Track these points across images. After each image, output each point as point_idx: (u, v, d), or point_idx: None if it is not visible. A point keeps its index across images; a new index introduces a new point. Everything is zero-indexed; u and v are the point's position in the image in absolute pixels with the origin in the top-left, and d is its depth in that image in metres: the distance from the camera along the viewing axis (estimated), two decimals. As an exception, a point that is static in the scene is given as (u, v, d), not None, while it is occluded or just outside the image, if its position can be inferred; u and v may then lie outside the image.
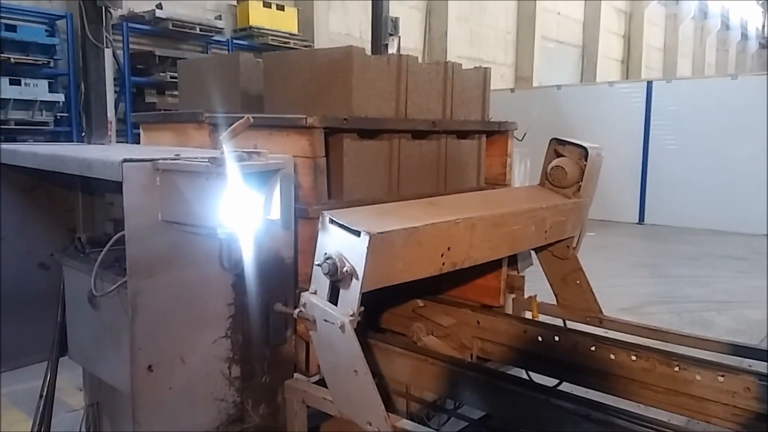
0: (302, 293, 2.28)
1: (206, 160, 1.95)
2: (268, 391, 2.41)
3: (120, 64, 10.30)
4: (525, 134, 3.62)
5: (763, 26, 32.08)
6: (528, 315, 3.54)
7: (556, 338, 2.90)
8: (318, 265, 2.20)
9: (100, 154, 2.08)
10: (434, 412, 3.15)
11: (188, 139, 2.94)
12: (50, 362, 2.99)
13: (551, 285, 3.48)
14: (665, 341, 3.07)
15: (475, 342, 3.14)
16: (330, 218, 2.20)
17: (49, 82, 9.28)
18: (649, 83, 11.83)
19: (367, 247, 2.07)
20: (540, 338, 2.95)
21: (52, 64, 9.36)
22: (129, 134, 10.35)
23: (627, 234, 10.99)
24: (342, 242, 2.16)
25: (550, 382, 2.90)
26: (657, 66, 24.77)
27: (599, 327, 3.28)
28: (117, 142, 10.31)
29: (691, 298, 6.73)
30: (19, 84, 8.90)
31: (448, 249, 2.44)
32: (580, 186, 3.21)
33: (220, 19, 11.29)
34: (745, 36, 30.64)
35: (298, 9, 12.57)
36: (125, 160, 1.89)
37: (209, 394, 2.22)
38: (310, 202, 2.45)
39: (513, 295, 3.57)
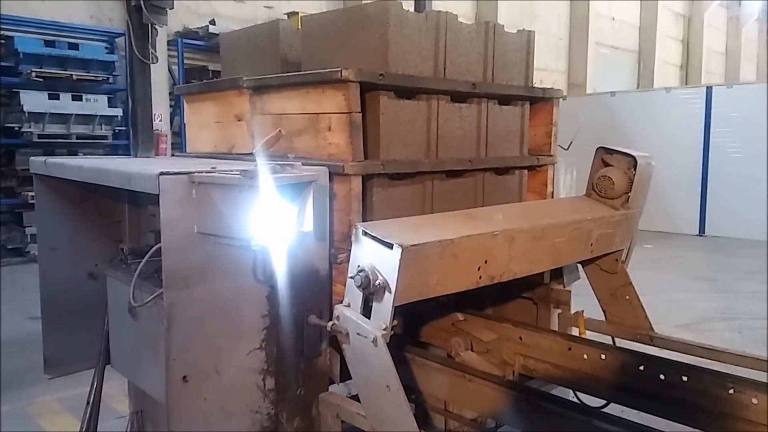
0: (336, 306, 2.26)
1: (232, 172, 1.96)
2: (303, 403, 2.39)
3: (175, 79, 10.65)
4: (571, 143, 3.51)
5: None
6: (574, 331, 3.43)
7: (603, 356, 2.78)
8: (351, 277, 2.17)
9: (141, 168, 2.12)
10: (473, 430, 3.07)
11: (230, 106, 2.99)
12: (97, 370, 3.06)
13: (599, 300, 3.35)
14: (720, 361, 2.91)
15: (517, 358, 3.05)
16: (363, 230, 2.17)
17: (108, 98, 9.68)
18: (709, 89, 11.39)
19: (400, 260, 2.04)
20: (585, 356, 2.83)
21: (111, 80, 9.77)
22: (184, 147, 10.64)
23: (686, 246, 10.57)
24: (375, 255, 2.13)
25: (596, 402, 2.80)
26: (718, 71, 23.90)
27: (650, 345, 3.14)
28: (172, 154, 10.66)
29: (753, 314, 6.39)
30: (81, 100, 9.30)
31: (486, 262, 2.37)
32: (629, 197, 3.08)
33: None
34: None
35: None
36: (162, 173, 1.92)
37: (244, 406, 2.22)
38: (345, 159, 2.44)
39: (558, 310, 3.47)
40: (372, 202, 2.59)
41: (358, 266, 2.16)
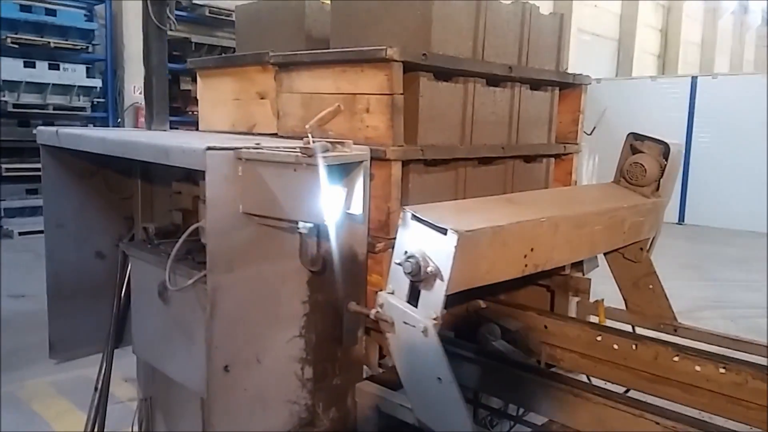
0: (379, 293, 2.15)
1: (292, 149, 1.83)
2: (339, 393, 2.29)
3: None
4: (594, 128, 3.44)
5: (805, 23, 31.13)
6: (593, 320, 3.38)
7: (634, 346, 2.73)
8: (398, 263, 2.07)
9: (177, 141, 1.96)
10: (498, 418, 3.02)
11: (252, 83, 2.83)
12: (105, 354, 2.91)
13: (620, 289, 3.31)
14: (748, 352, 2.89)
15: (543, 348, 2.99)
16: (413, 214, 2.07)
17: (86, 68, 9.30)
18: (694, 79, 11.48)
19: (455, 247, 1.94)
20: (616, 346, 2.78)
21: (90, 49, 9.38)
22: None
23: (667, 234, 10.58)
24: (425, 240, 2.03)
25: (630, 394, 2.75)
26: (694, 61, 24.16)
27: (674, 335, 3.11)
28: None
29: (744, 303, 6.48)
30: (58, 69, 8.92)
31: (531, 250, 2.29)
32: (659, 184, 3.03)
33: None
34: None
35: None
36: (209, 148, 1.77)
37: (282, 396, 2.11)
38: (385, 143, 2.32)
39: (577, 299, 3.41)
40: (408, 188, 2.47)
41: (406, 252, 2.06)
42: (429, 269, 1.99)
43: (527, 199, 2.57)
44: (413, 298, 2.08)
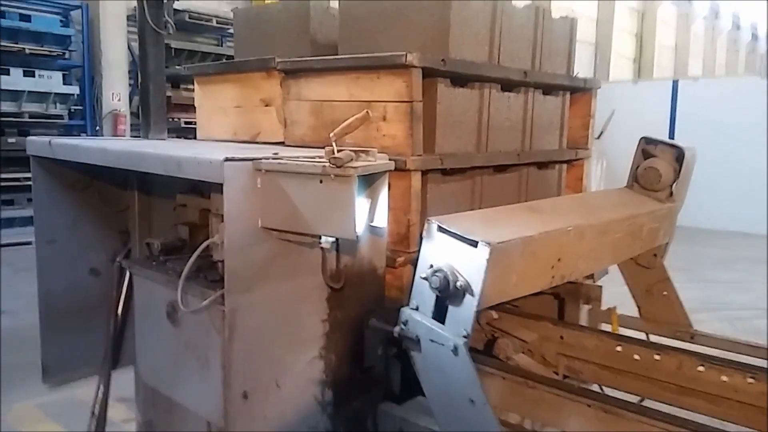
0: (403, 309, 2.03)
1: (314, 159, 1.71)
2: (359, 417, 2.16)
3: (135, 57, 10.07)
4: (602, 132, 3.37)
5: (773, 27, 31.78)
6: (605, 328, 3.31)
7: (657, 357, 2.65)
8: (424, 278, 1.95)
9: (188, 151, 1.83)
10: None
11: (255, 90, 2.70)
12: (102, 377, 2.75)
13: (634, 296, 3.23)
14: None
15: (560, 359, 2.89)
16: (439, 226, 1.95)
17: (63, 74, 9.05)
18: (675, 82, 11.57)
19: (487, 260, 1.83)
20: (637, 356, 2.70)
21: (66, 56, 9.14)
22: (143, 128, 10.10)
23: (651, 236, 10.70)
24: (454, 253, 1.91)
25: (650, 405, 2.67)
26: (668, 65, 24.49)
27: (690, 342, 3.04)
28: (131, 136, 10.09)
29: (738, 304, 6.49)
30: (33, 76, 8.66)
31: (559, 260, 2.19)
32: (673, 189, 2.96)
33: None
34: (755, 37, 30.36)
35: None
36: (227, 159, 1.64)
37: (302, 422, 1.98)
38: (404, 152, 2.21)
39: (589, 306, 3.33)
40: (426, 199, 2.36)
41: (432, 266, 1.94)
42: (458, 284, 1.87)
43: (549, 206, 2.47)
44: (440, 315, 1.97)
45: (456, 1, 2.32)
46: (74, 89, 9.14)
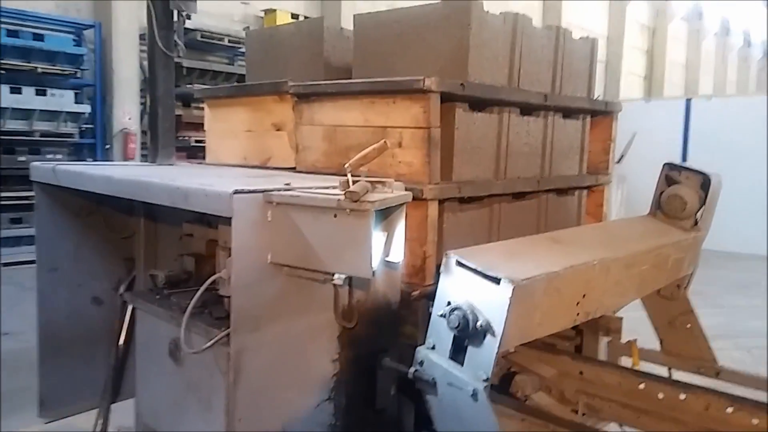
0: (418, 348, 1.92)
1: (327, 191, 1.61)
2: (371, 461, 2.05)
3: (146, 76, 10.08)
4: (623, 156, 3.26)
5: (785, 45, 31.66)
6: (624, 362, 3.18)
7: (683, 396, 2.52)
8: (442, 315, 1.85)
9: (195, 181, 1.74)
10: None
11: (267, 114, 2.63)
12: (102, 411, 2.65)
13: (656, 328, 3.10)
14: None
15: (579, 397, 2.76)
16: (458, 260, 1.85)
17: (75, 93, 9.04)
18: (688, 100, 11.45)
19: (510, 298, 1.72)
20: (661, 395, 2.57)
21: (78, 74, 9.13)
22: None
23: (665, 257, 10.51)
24: (474, 290, 1.81)
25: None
26: (679, 82, 24.38)
27: (716, 379, 2.90)
28: (141, 155, 10.07)
29: (754, 331, 6.30)
30: (45, 94, 8.64)
31: (584, 296, 2.08)
32: (698, 218, 2.85)
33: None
34: (766, 54, 30.24)
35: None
36: (236, 192, 1.55)
37: (310, 470, 1.86)
38: (420, 180, 2.12)
39: (608, 338, 3.20)
40: (442, 229, 2.26)
41: (450, 303, 1.84)
42: (479, 323, 1.77)
43: (571, 237, 2.36)
44: (458, 355, 1.86)
45: (475, 25, 2.24)
46: (86, 108, 9.11)
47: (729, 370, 2.90)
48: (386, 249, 1.78)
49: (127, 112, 9.66)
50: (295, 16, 11.87)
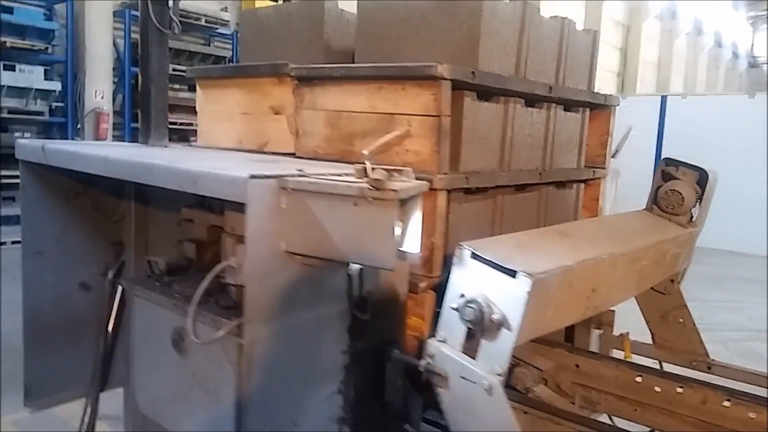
0: (429, 341, 1.88)
1: (349, 179, 1.55)
2: (377, 455, 2.00)
3: (120, 54, 9.80)
4: (617, 151, 3.25)
5: (752, 46, 32.40)
6: (616, 354, 3.19)
7: (680, 389, 2.53)
8: (454, 308, 1.81)
9: (202, 165, 1.66)
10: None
11: (264, 96, 2.55)
12: (90, 399, 2.56)
13: (648, 322, 3.12)
14: (791, 393, 2.72)
15: (576, 389, 2.76)
16: (473, 252, 1.81)
17: (44, 69, 8.75)
18: (664, 98, 11.61)
19: (528, 292, 1.69)
20: (658, 389, 2.58)
21: (49, 50, 8.84)
22: (127, 128, 9.84)
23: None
24: (489, 283, 1.77)
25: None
26: (651, 80, 24.75)
27: (707, 373, 2.93)
28: (113, 136, 9.80)
29: (729, 325, 6.44)
30: (14, 70, 8.35)
31: (593, 291, 2.06)
32: (694, 213, 2.86)
33: (226, 11, 10.82)
34: (735, 55, 30.91)
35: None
36: (253, 176, 1.48)
37: (317, 464, 1.81)
38: (429, 170, 2.07)
39: (600, 331, 3.22)
40: (448, 220, 2.22)
41: (463, 295, 1.80)
42: (494, 317, 1.73)
43: (577, 231, 2.34)
44: (470, 348, 1.82)
45: (486, 11, 2.18)
46: (56, 85, 8.84)
47: (720, 364, 2.94)
48: (401, 239, 1.73)
49: (99, 90, 9.39)
50: (274, -2, 11.69)
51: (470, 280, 1.80)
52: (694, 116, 11.11)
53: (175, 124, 10.20)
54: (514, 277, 1.72)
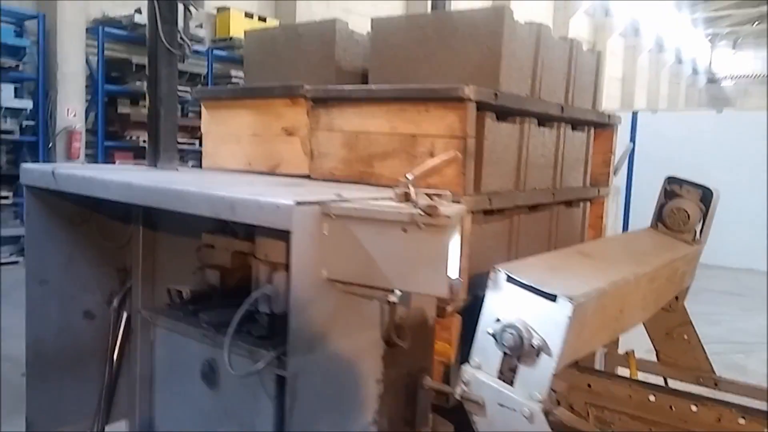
0: (464, 367, 1.85)
1: (393, 204, 1.52)
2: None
3: (92, 71, 9.61)
4: (618, 168, 3.28)
5: (710, 62, 33.47)
6: (621, 372, 3.21)
7: (694, 408, 2.55)
8: (491, 334, 1.78)
9: (239, 190, 1.61)
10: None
11: (276, 118, 2.49)
12: (95, 433, 2.45)
13: (652, 340, 3.15)
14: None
15: (589, 409, 2.76)
16: (508, 275, 1.79)
17: (14, 87, 8.52)
18: (635, 113, 11.87)
19: (569, 316, 1.68)
20: (672, 407, 2.59)
21: (19, 68, 8.62)
22: (100, 147, 9.64)
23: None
24: (526, 307, 1.75)
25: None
26: (616, 95, 25.31)
27: (714, 389, 2.96)
28: (86, 154, 9.58)
29: (711, 337, 6.47)
30: (-18, 87, 8.12)
31: (620, 311, 2.06)
32: (699, 231, 2.90)
33: (201, 28, 10.72)
34: (695, 71, 31.87)
35: (280, 20, 12.09)
36: (299, 203, 1.44)
37: (354, 498, 1.76)
38: (455, 192, 2.01)
39: (604, 350, 3.23)
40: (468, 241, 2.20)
41: (499, 320, 1.78)
42: (534, 342, 1.71)
43: (596, 251, 2.35)
44: (507, 374, 1.80)
45: (507, 32, 2.19)
46: (27, 103, 8.62)
47: (728, 380, 2.97)
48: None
49: (71, 109, 9.18)
50: (249, 15, 11.63)
51: (506, 304, 1.79)
52: (663, 131, 11.37)
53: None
54: (554, 301, 1.71)
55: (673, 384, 3.07)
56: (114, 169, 2.20)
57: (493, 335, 1.78)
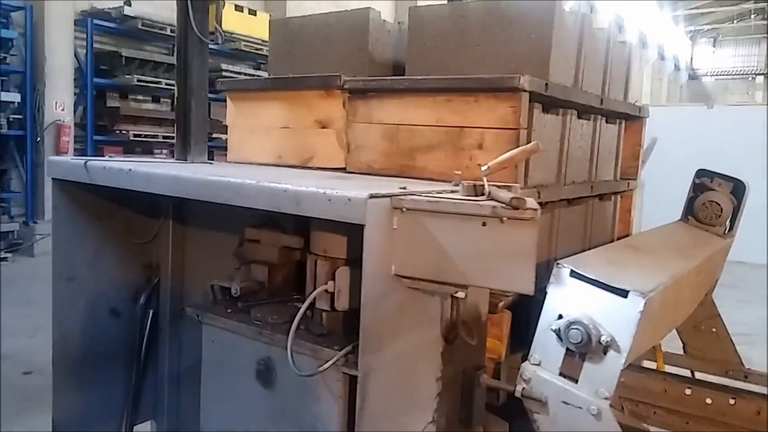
0: (524, 365, 1.80)
1: (458, 197, 1.46)
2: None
3: (81, 64, 9.39)
4: (644, 162, 3.25)
5: (691, 59, 33.83)
6: (647, 365, 3.18)
7: (732, 401, 2.53)
8: (554, 330, 1.73)
9: (302, 183, 1.53)
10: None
11: (309, 110, 2.42)
12: (124, 436, 2.36)
13: (679, 333, 3.12)
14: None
15: (623, 403, 2.73)
16: (573, 270, 1.74)
17: (1, 80, 8.31)
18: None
19: (641, 312, 1.63)
20: (709, 401, 2.57)
21: (7, 60, 8.40)
22: (89, 141, 9.43)
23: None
24: (592, 302, 1.70)
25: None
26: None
27: (744, 382, 2.94)
28: (75, 149, 9.37)
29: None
30: (-33, 80, 7.91)
31: (675, 306, 2.02)
32: (729, 224, 2.88)
33: (192, 21, 10.51)
34: (677, 67, 32.17)
35: (270, 15, 11.93)
36: (372, 196, 1.37)
37: (416, 501, 1.70)
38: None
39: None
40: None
41: (562, 316, 1.73)
42: (603, 338, 1.66)
43: (644, 245, 2.31)
44: (569, 372, 1.75)
45: (557, 21, 2.14)
46: (14, 97, 8.40)
47: (758, 372, 2.95)
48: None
49: (60, 102, 8.97)
50: (239, 8, 11.47)
51: (570, 299, 1.73)
52: (656, 126, 11.40)
53: (140, 136, 9.87)
54: (625, 297, 1.66)
55: (700, 377, 3.05)
56: (144, 163, 2.11)
57: (557, 332, 1.73)
